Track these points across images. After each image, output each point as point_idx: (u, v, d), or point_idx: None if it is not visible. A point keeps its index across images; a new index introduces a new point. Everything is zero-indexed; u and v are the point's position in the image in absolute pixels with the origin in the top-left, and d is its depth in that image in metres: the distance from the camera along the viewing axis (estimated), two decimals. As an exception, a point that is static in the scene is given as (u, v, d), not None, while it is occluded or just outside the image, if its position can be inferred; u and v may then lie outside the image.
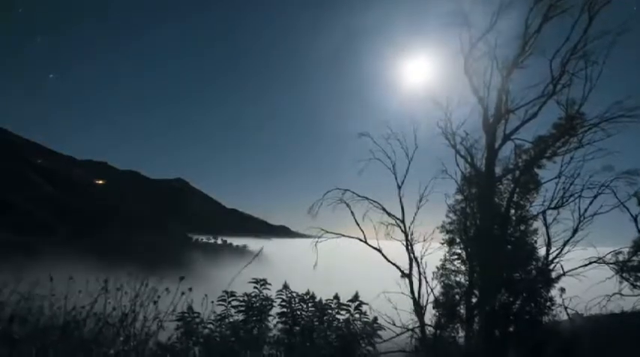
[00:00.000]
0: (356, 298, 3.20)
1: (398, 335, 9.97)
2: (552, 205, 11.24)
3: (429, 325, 11.01)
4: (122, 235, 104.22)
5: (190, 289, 2.70)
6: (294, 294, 3.30)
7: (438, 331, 10.91)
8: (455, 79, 12.40)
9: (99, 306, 2.64)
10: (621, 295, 11.08)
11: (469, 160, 12.06)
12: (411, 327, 10.71)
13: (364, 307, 3.20)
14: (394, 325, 9.79)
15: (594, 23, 10.08)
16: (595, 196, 10.94)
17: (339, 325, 3.12)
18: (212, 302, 2.92)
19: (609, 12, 10.00)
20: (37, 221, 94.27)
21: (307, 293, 3.32)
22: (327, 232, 12.33)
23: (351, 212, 12.34)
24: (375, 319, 3.16)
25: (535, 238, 11.59)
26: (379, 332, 3.14)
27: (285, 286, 3.39)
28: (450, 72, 12.83)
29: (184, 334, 2.93)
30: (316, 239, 12.17)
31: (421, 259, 11.68)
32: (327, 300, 3.26)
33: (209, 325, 3.08)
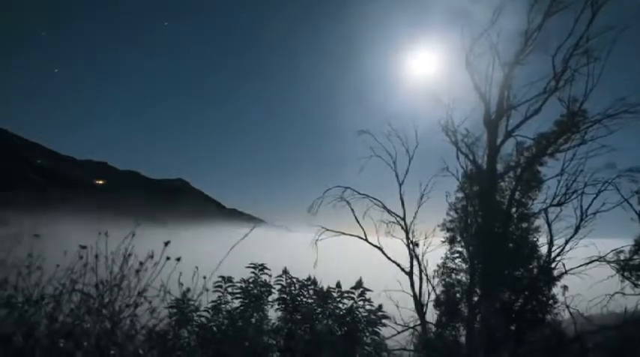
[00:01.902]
0: (359, 284, 3.10)
1: (399, 333, 9.89)
2: (554, 203, 11.18)
3: (431, 324, 10.92)
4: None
5: (179, 259, 2.57)
6: (295, 280, 3.20)
7: (440, 330, 10.81)
8: (456, 76, 12.36)
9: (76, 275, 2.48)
10: (623, 294, 11.01)
11: (470, 157, 11.98)
12: (412, 325, 10.62)
13: (368, 294, 3.10)
14: (395, 323, 9.71)
15: (597, 18, 10.01)
16: (598, 193, 10.89)
17: (342, 312, 3.02)
18: (204, 277, 2.79)
19: (612, 6, 9.93)
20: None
21: (308, 279, 3.22)
22: (328, 230, 12.25)
23: (352, 210, 12.28)
24: (380, 306, 3.06)
25: (537, 236, 11.52)
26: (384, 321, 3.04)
27: (285, 272, 3.29)
28: (451, 68, 12.79)
29: (178, 322, 2.81)
30: (316, 237, 12.09)
31: (422, 257, 11.62)
32: (329, 287, 3.16)
33: (204, 314, 2.97)
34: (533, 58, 11.25)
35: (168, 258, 2.50)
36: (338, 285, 3.14)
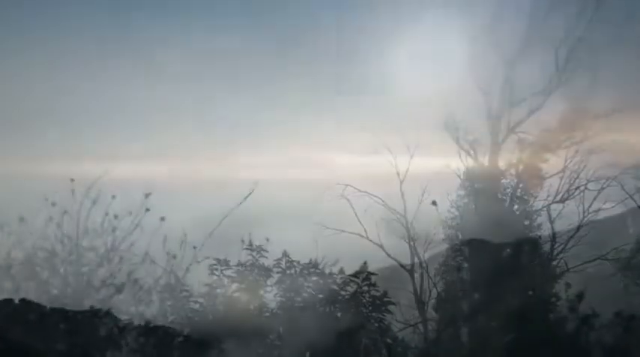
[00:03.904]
0: (364, 269, 2.96)
1: (400, 331, 9.80)
2: (557, 199, 11.22)
3: (432, 321, 10.81)
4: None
5: (163, 219, 2.44)
6: (295, 263, 3.06)
7: (441, 328, 10.71)
8: (457, 72, 12.27)
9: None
10: (625, 293, 11.00)
11: (472, 154, 11.95)
12: (412, 323, 10.51)
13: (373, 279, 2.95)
14: (396, 320, 9.61)
15: (601, 13, 10.00)
16: (600, 190, 10.91)
17: (346, 298, 2.89)
18: (195, 248, 2.65)
19: (616, 0, 9.91)
20: None
21: (310, 262, 3.09)
22: (327, 228, 12.11)
23: (352, 208, 12.16)
24: (386, 292, 2.92)
25: (539, 234, 11.48)
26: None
27: (285, 255, 3.15)
28: (452, 64, 12.69)
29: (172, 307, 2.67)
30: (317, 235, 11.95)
31: (423, 254, 11.50)
32: (331, 272, 3.02)
33: (199, 299, 2.83)
34: (536, 53, 11.24)
35: (147, 209, 2.37)
36: (341, 271, 3.01)
